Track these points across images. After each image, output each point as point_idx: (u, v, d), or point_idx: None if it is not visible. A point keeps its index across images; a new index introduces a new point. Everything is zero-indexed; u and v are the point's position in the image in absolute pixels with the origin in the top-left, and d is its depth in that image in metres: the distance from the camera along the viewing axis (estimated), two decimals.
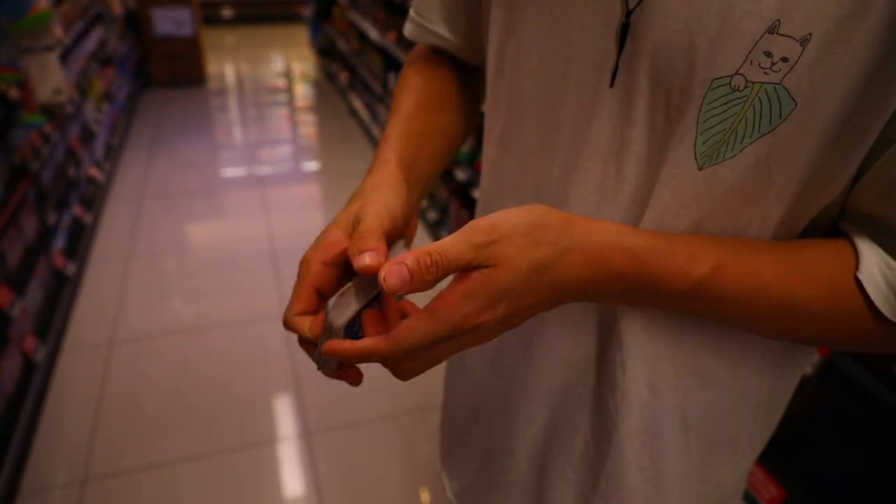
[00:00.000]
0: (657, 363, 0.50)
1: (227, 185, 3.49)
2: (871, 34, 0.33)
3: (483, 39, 0.58)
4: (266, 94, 5.22)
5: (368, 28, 3.45)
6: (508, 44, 0.50)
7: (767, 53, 0.35)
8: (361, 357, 0.38)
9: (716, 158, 0.40)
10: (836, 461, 1.07)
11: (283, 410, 1.89)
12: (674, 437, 0.53)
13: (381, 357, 0.38)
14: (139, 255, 2.68)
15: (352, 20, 4.00)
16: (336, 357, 0.39)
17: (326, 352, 0.39)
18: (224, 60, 6.20)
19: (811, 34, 0.34)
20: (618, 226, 0.42)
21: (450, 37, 0.61)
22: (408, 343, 0.37)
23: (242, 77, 5.74)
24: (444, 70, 0.63)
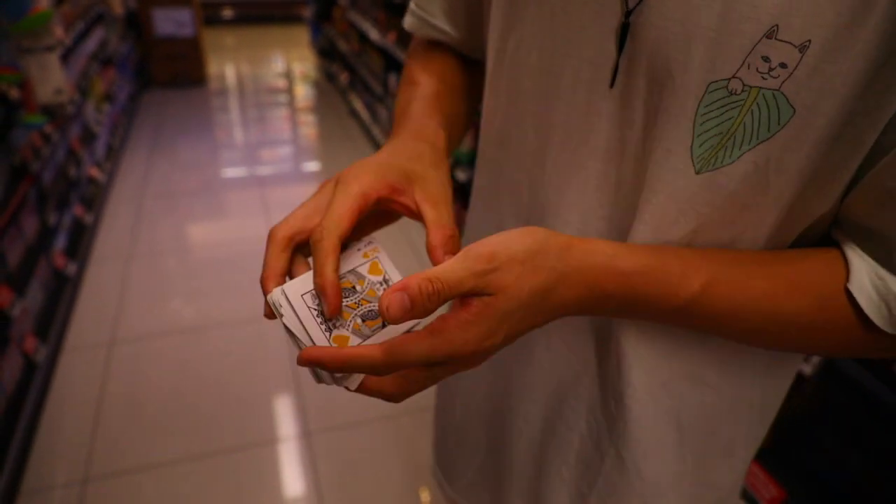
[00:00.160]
0: (652, 366, 0.50)
1: (228, 186, 3.49)
2: (870, 43, 0.33)
3: (483, 35, 0.58)
4: (266, 95, 5.22)
5: (369, 28, 3.45)
6: (508, 42, 0.50)
7: (765, 58, 0.35)
8: (349, 366, 0.37)
9: (714, 164, 0.40)
10: (836, 461, 1.07)
11: (284, 410, 1.89)
12: (668, 440, 0.53)
13: (372, 368, 0.37)
14: (140, 256, 2.68)
15: (352, 21, 4.00)
16: (318, 367, 0.37)
17: (307, 359, 0.37)
18: (224, 61, 6.20)
19: (810, 41, 0.34)
20: (613, 247, 0.42)
21: (451, 31, 0.61)
22: (403, 358, 0.37)
23: (243, 77, 5.74)
24: (449, 61, 0.63)
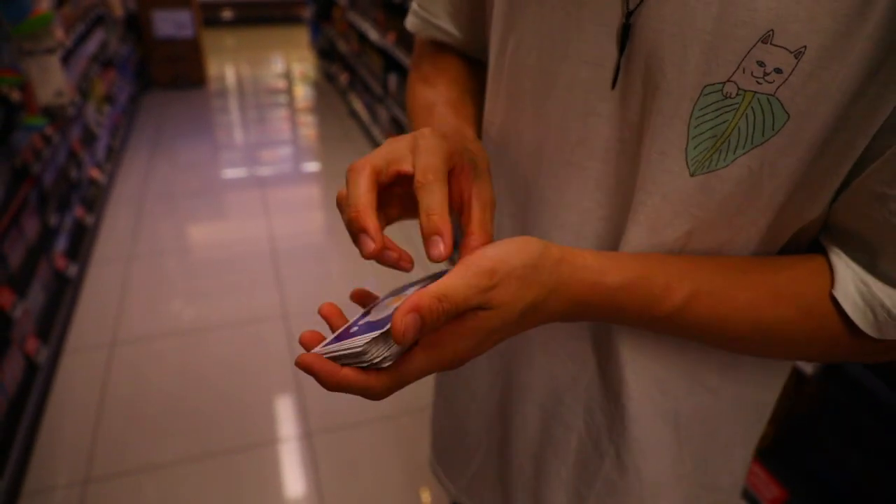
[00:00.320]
0: (648, 367, 0.50)
1: (228, 187, 3.49)
2: (864, 50, 0.34)
3: (485, 36, 0.58)
4: (266, 96, 5.22)
5: (368, 29, 3.46)
6: (508, 43, 0.50)
7: (760, 63, 0.35)
8: (351, 387, 0.36)
9: (708, 166, 0.40)
10: (838, 461, 1.07)
11: (284, 411, 1.89)
12: (666, 440, 0.53)
13: (365, 392, 0.37)
14: (140, 257, 2.68)
15: (351, 21, 4.01)
16: (317, 375, 0.36)
17: (303, 364, 0.36)
18: (224, 62, 6.20)
19: (806, 47, 0.34)
20: (602, 261, 0.42)
21: (453, 31, 0.61)
22: (409, 378, 0.37)
23: (243, 79, 5.74)
24: (458, 64, 0.64)
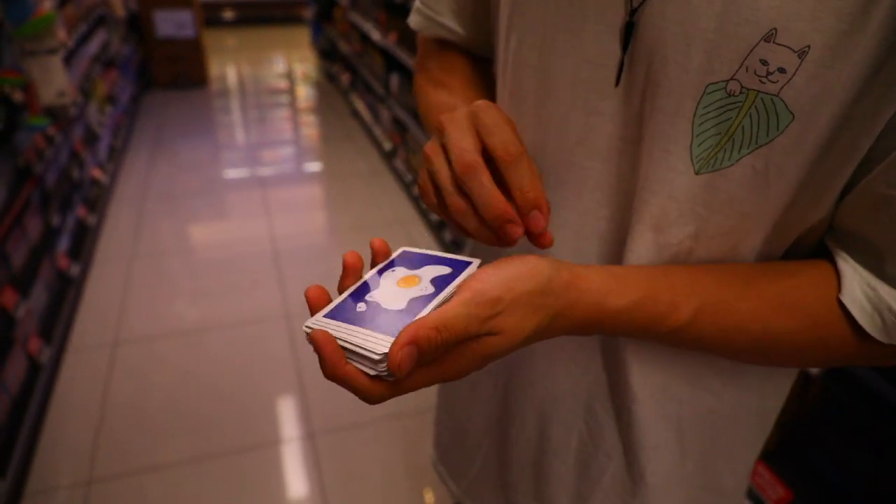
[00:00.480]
0: (652, 370, 0.50)
1: (230, 187, 3.49)
2: (868, 49, 0.33)
3: (490, 33, 0.58)
4: (268, 96, 5.22)
5: (370, 29, 3.46)
6: (511, 40, 0.50)
7: (763, 62, 0.35)
8: (348, 385, 0.36)
9: (713, 165, 0.40)
10: (843, 461, 1.07)
11: (287, 411, 1.89)
12: (669, 443, 0.53)
13: (370, 399, 0.36)
14: (142, 257, 2.68)
15: (353, 21, 4.01)
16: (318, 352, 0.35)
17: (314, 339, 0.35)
18: (226, 62, 6.20)
19: (809, 47, 0.34)
20: (608, 282, 0.41)
21: (457, 29, 0.61)
22: (406, 390, 0.36)
23: (244, 79, 5.74)
24: (465, 62, 0.63)
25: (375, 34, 3.33)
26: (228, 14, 7.93)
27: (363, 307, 0.38)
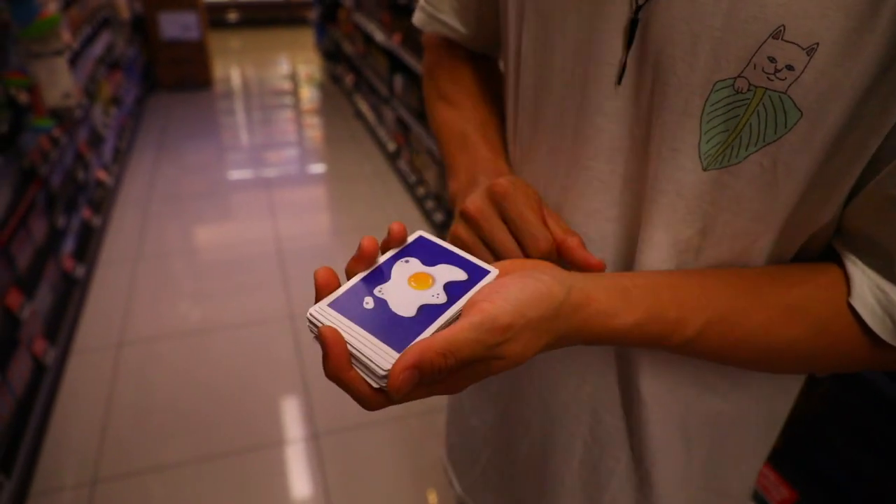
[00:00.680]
0: (658, 372, 0.50)
1: (234, 188, 3.50)
2: (877, 47, 0.33)
3: (493, 30, 0.58)
4: (272, 97, 5.23)
5: (374, 30, 3.46)
6: (513, 40, 0.50)
7: (771, 59, 0.35)
8: (349, 389, 0.36)
9: (721, 162, 0.40)
10: (848, 463, 1.06)
11: (291, 412, 1.89)
12: (676, 446, 0.53)
13: (369, 406, 0.36)
14: (147, 258, 2.69)
15: (357, 22, 4.01)
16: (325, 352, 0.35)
17: (324, 337, 0.34)
18: (230, 64, 6.22)
19: (818, 44, 0.34)
20: (613, 302, 0.40)
21: (460, 27, 0.61)
22: (406, 401, 0.36)
23: (248, 80, 5.76)
24: (473, 71, 0.64)
25: (379, 35, 3.33)
26: (233, 16, 7.96)
27: (371, 303, 0.37)
